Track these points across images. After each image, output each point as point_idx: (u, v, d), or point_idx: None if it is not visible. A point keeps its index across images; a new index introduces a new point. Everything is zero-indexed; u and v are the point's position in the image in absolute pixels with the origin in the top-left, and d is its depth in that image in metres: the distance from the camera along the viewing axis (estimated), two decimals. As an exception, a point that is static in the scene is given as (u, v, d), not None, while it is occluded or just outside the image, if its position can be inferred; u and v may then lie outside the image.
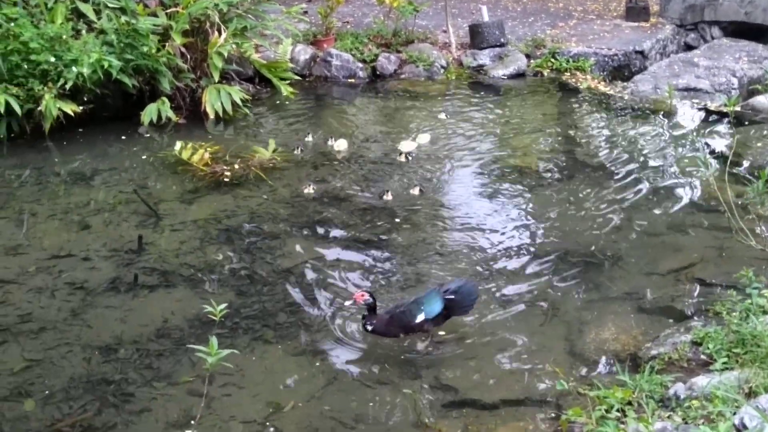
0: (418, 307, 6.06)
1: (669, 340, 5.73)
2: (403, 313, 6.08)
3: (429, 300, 6.09)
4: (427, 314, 6.03)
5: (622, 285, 6.92)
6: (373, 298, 6.12)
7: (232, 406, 5.37)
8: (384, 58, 14.15)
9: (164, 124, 11.02)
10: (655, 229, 7.99)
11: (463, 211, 8.47)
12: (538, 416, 5.23)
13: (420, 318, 6.02)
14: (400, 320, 6.06)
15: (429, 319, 6.05)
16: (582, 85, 13.42)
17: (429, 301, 6.08)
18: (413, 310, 6.05)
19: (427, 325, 6.07)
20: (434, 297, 6.10)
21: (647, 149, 10.32)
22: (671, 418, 4.51)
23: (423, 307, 6.04)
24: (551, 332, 6.24)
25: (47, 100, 10.07)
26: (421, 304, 6.07)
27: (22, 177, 9.39)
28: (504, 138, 10.97)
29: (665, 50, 15.30)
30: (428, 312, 6.03)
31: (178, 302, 6.63)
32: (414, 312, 6.04)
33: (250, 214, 8.29)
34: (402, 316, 6.07)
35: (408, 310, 6.07)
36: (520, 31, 15.73)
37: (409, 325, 6.05)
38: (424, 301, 6.09)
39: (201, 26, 11.44)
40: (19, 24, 10.09)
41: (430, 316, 6.05)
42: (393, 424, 5.24)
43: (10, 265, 7.22)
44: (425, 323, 6.05)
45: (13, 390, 5.51)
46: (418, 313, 6.02)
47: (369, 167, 9.62)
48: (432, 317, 6.05)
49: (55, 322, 6.33)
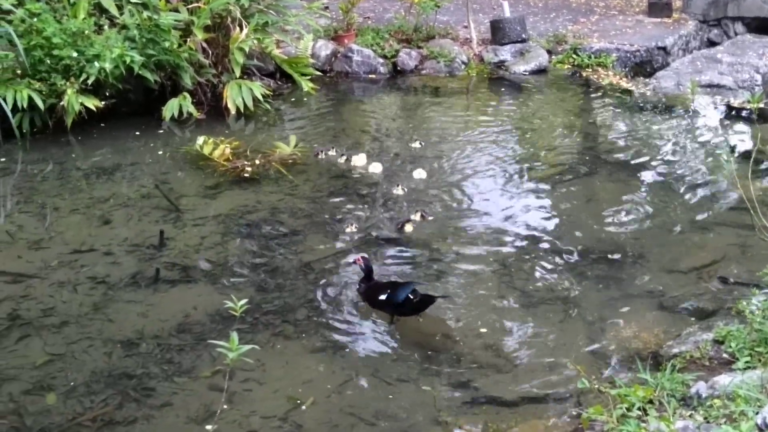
0: (385, 288, 6.44)
1: (691, 339, 5.69)
2: (377, 288, 6.53)
3: (399, 289, 6.37)
4: (389, 297, 6.34)
5: (644, 282, 6.88)
6: (370, 267, 6.62)
7: (252, 402, 5.38)
8: (405, 53, 14.14)
9: (185, 120, 11.06)
10: (677, 227, 7.94)
11: (483, 208, 8.44)
12: (558, 414, 5.21)
13: (382, 297, 6.39)
14: (372, 293, 6.53)
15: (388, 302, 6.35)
16: (604, 81, 13.36)
17: (399, 290, 6.36)
18: (381, 289, 6.47)
19: (387, 308, 6.39)
20: (404, 289, 6.34)
21: (669, 146, 10.27)
22: (693, 417, 4.48)
23: (389, 290, 6.39)
24: (572, 329, 6.21)
25: (69, 95, 10.12)
26: (389, 287, 6.44)
27: (45, 171, 9.45)
28: (525, 134, 10.94)
29: (688, 46, 15.22)
30: (390, 296, 6.33)
31: (198, 297, 6.65)
32: (381, 291, 6.44)
33: (270, 209, 8.30)
34: (375, 290, 6.52)
35: (379, 287, 6.53)
36: (541, 27, 15.68)
37: (373, 299, 6.49)
38: (395, 288, 6.40)
39: (222, 22, 11.46)
40: (42, 19, 10.14)
41: (391, 301, 6.33)
42: (412, 421, 5.23)
43: (33, 260, 7.26)
44: (384, 304, 6.39)
45: (36, 384, 5.54)
46: (383, 294, 6.40)
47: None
48: (392, 302, 6.32)
49: (77, 316, 6.36)
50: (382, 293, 6.42)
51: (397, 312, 6.39)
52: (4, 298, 6.61)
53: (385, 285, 6.58)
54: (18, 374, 5.63)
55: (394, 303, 6.31)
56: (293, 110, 12.13)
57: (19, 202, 8.61)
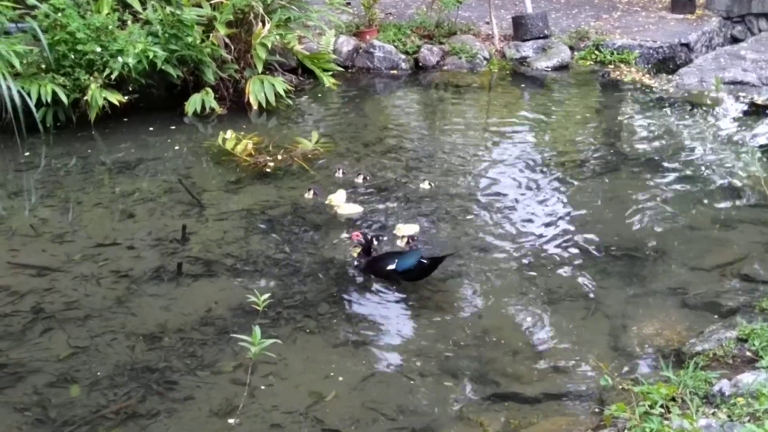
0: (393, 258, 6.77)
1: (714, 336, 5.66)
2: (382, 259, 6.88)
3: (405, 256, 6.77)
4: (398, 267, 6.68)
5: (666, 280, 6.85)
6: (367, 241, 7.02)
7: (274, 396, 5.39)
8: (426, 49, 14.14)
9: (208, 115, 11.11)
10: (699, 224, 7.91)
11: (505, 203, 8.43)
12: (580, 410, 5.20)
13: (390, 267, 6.71)
14: (378, 265, 6.87)
15: (398, 271, 6.69)
16: (626, 77, 13.32)
17: (405, 257, 6.76)
18: (388, 260, 6.79)
19: (395, 275, 6.72)
20: (412, 256, 6.74)
21: (692, 143, 10.22)
22: (716, 415, 4.46)
23: (397, 259, 6.73)
24: (594, 326, 6.20)
25: (93, 89, 10.18)
26: (397, 257, 6.78)
27: (68, 166, 9.51)
28: (546, 130, 10.92)
29: (711, 43, 15.13)
30: (399, 265, 6.68)
31: (221, 291, 6.67)
32: (388, 262, 6.77)
33: (292, 204, 8.31)
34: (380, 262, 6.86)
35: (385, 258, 6.87)
36: (563, 23, 15.64)
37: (381, 270, 6.81)
38: (401, 257, 6.77)
39: (245, 17, 11.49)
40: (66, 14, 10.21)
41: (400, 269, 6.68)
42: (434, 416, 5.23)
43: (57, 253, 7.31)
44: (393, 273, 6.71)
45: (60, 376, 5.57)
46: (391, 264, 6.72)
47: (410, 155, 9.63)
48: (401, 270, 6.68)
49: (101, 309, 6.39)
50: (389, 263, 6.74)
51: (406, 278, 6.74)
52: (29, 291, 6.65)
53: (389, 255, 6.94)
54: (42, 367, 5.67)
55: (406, 269, 6.66)
56: (315, 106, 12.16)
57: (42, 196, 8.66)
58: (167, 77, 11.10)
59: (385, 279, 6.82)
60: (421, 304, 6.54)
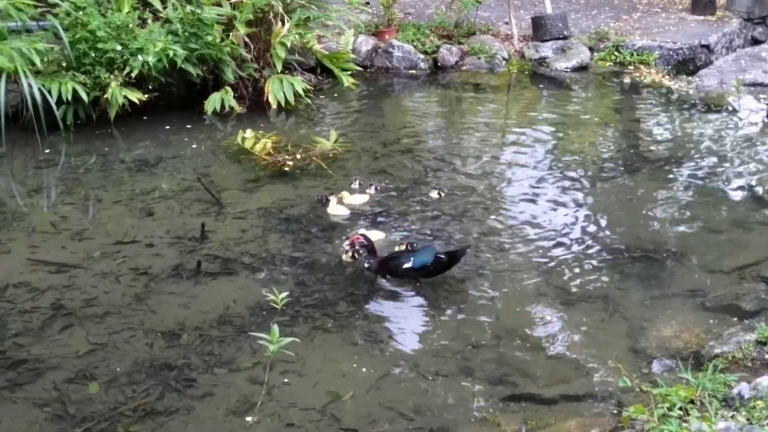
0: (408, 256, 6.76)
1: (733, 339, 5.64)
2: (396, 258, 6.85)
3: (421, 253, 6.77)
4: (414, 264, 6.68)
5: (685, 282, 6.82)
6: (369, 241, 6.90)
7: (291, 394, 5.41)
8: (445, 49, 14.13)
9: (227, 114, 11.15)
10: (718, 226, 7.87)
11: (523, 204, 8.42)
12: (598, 412, 5.19)
13: (407, 265, 6.70)
14: (392, 263, 6.82)
15: (414, 268, 6.68)
16: (646, 78, 13.26)
17: (420, 253, 6.76)
18: (402, 258, 6.78)
19: (413, 273, 6.71)
20: (427, 252, 6.73)
21: (712, 145, 10.17)
22: (735, 418, 4.44)
23: (412, 257, 6.72)
24: (612, 328, 6.18)
25: (113, 88, 10.23)
26: (411, 254, 6.79)
27: (88, 163, 9.56)
28: (565, 131, 10.89)
29: (731, 44, 15.05)
30: (415, 262, 6.68)
31: (239, 290, 6.69)
32: (403, 260, 6.75)
33: (310, 203, 8.33)
34: (394, 260, 6.82)
35: (398, 257, 6.85)
36: (583, 24, 15.60)
37: (396, 269, 6.78)
38: (416, 254, 6.77)
39: (264, 17, 11.51)
40: (86, 13, 10.26)
41: (416, 266, 6.67)
42: (451, 416, 5.23)
43: (76, 250, 7.35)
44: (410, 271, 6.70)
45: (78, 373, 5.61)
46: (407, 262, 6.71)
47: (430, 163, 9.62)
48: (417, 267, 6.68)
49: (120, 306, 6.43)
50: (405, 261, 6.73)
51: (423, 275, 6.74)
52: (48, 287, 6.70)
53: (402, 253, 6.99)
54: (61, 363, 5.70)
55: (422, 265, 6.66)
56: (334, 105, 12.17)
57: (62, 194, 8.72)
58: (187, 76, 11.14)
59: (401, 278, 6.83)
60: (439, 304, 6.55)
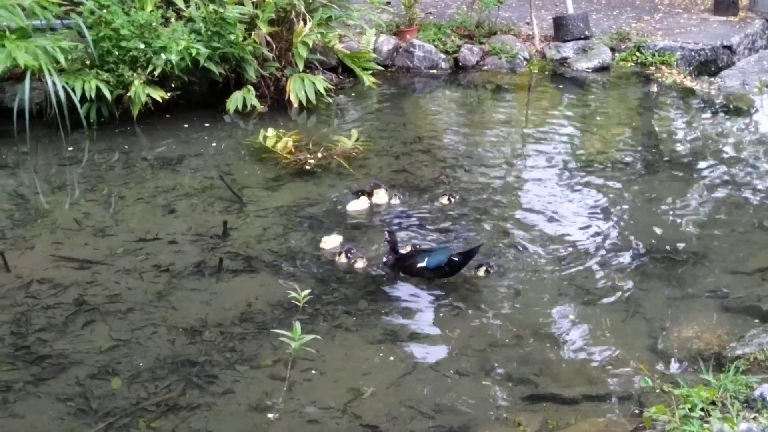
0: (423, 256, 6.85)
1: (755, 340, 5.62)
2: (411, 257, 6.92)
3: (436, 253, 6.85)
4: (428, 263, 6.75)
5: (706, 283, 6.80)
6: (393, 238, 7.01)
7: (312, 391, 5.43)
8: (466, 49, 14.12)
9: (249, 112, 11.17)
10: (740, 227, 7.85)
11: (543, 203, 8.41)
12: (618, 412, 5.19)
13: (421, 264, 6.78)
14: (408, 263, 6.90)
15: (429, 267, 6.76)
16: (667, 79, 13.22)
17: (436, 254, 6.84)
18: (417, 257, 6.86)
19: (427, 272, 6.79)
20: (442, 252, 6.82)
21: (734, 146, 10.14)
22: (757, 419, 4.43)
23: (427, 256, 6.81)
24: (633, 329, 6.17)
25: (136, 86, 10.29)
26: (426, 254, 6.86)
27: (111, 161, 9.62)
28: (586, 131, 10.88)
29: (754, 45, 14.98)
30: (430, 262, 6.76)
31: (261, 287, 6.72)
32: (418, 259, 6.82)
33: (332, 202, 8.36)
34: (410, 260, 6.90)
35: (414, 256, 6.93)
36: (604, 24, 15.57)
37: (411, 268, 6.85)
38: (431, 254, 6.86)
39: (286, 16, 11.54)
40: (110, 11, 10.32)
41: (431, 266, 6.75)
42: (471, 415, 5.24)
43: (99, 247, 7.40)
44: (424, 270, 6.78)
45: (101, 368, 5.64)
46: (421, 261, 6.79)
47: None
48: (432, 267, 6.76)
49: (142, 303, 6.46)
50: (419, 261, 6.80)
51: (438, 275, 6.80)
52: (71, 283, 6.74)
53: (419, 252, 7.02)
54: (84, 358, 5.74)
55: (437, 266, 6.74)
56: (355, 104, 12.20)
57: (85, 191, 8.77)
58: (209, 74, 11.18)
59: (416, 277, 6.85)
60: (459, 302, 6.55)
